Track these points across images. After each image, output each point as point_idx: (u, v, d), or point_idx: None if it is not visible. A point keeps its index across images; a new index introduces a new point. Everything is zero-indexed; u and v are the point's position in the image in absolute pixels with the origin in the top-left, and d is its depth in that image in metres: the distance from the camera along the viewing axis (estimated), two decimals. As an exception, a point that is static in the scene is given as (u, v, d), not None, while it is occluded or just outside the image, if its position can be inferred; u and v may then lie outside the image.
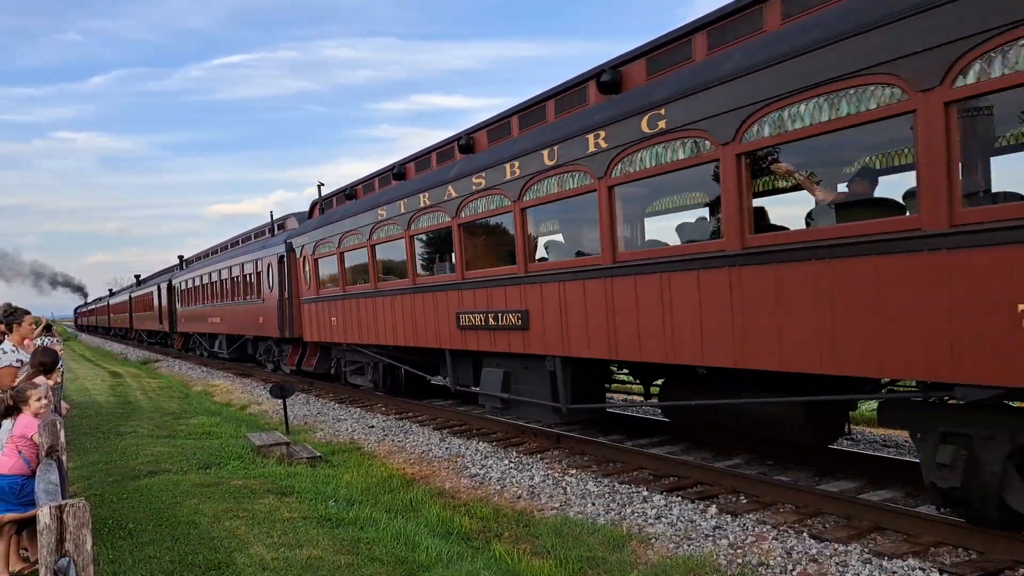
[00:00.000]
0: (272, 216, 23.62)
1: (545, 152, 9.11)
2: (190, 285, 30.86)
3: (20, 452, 5.63)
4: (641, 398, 11.93)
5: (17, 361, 7.35)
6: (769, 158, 6.90)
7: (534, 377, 10.02)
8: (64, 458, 5.81)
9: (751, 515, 7.12)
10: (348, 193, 15.96)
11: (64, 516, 3.08)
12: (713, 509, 7.34)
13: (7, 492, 5.62)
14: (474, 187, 10.48)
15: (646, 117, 7.59)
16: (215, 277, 26.74)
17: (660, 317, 7.64)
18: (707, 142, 6.96)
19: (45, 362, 6.82)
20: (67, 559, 3.05)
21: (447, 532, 7.22)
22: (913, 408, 6.24)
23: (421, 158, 12.94)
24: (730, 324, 6.90)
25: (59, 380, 9.57)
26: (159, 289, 37.97)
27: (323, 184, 17.85)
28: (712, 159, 6.93)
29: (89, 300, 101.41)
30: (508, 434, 11.55)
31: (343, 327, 15.49)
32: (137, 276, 55.38)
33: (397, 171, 13.58)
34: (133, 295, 48.90)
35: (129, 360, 37.55)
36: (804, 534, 6.48)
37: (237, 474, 9.41)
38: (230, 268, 24.64)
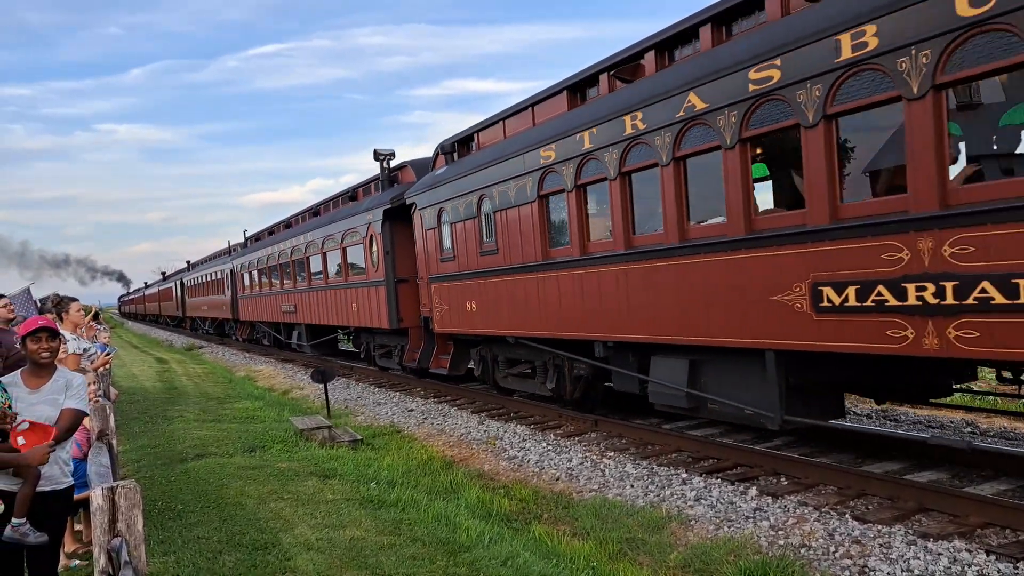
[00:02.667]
0: (229, 243, 36.45)
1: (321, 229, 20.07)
2: (191, 283, 43.55)
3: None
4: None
5: (81, 349, 7.40)
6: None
7: (308, 333, 22.67)
8: (114, 442, 5.97)
9: (792, 497, 7.06)
10: (257, 237, 28.62)
11: (116, 497, 3.17)
12: (753, 491, 7.29)
13: (61, 474, 5.77)
14: (291, 245, 22.51)
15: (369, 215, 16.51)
16: (201, 279, 39.70)
17: (335, 307, 18.52)
18: (367, 232, 16.38)
19: None
20: (119, 539, 3.14)
21: (487, 513, 7.29)
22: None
23: (286, 221, 25.53)
24: (346, 310, 17.64)
25: (108, 366, 9.78)
26: (175, 285, 51.09)
27: (247, 230, 31.21)
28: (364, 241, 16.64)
29: (132, 290, 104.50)
30: (545, 417, 11.58)
31: (256, 312, 27.75)
32: (163, 273, 66.74)
33: (270, 229, 26.99)
34: (160, 288, 62.47)
35: (174, 347, 38.36)
36: (847, 515, 6.41)
37: (281, 457, 9.59)
38: (208, 274, 37.43)
